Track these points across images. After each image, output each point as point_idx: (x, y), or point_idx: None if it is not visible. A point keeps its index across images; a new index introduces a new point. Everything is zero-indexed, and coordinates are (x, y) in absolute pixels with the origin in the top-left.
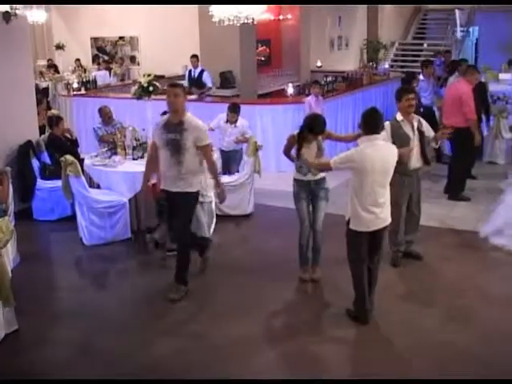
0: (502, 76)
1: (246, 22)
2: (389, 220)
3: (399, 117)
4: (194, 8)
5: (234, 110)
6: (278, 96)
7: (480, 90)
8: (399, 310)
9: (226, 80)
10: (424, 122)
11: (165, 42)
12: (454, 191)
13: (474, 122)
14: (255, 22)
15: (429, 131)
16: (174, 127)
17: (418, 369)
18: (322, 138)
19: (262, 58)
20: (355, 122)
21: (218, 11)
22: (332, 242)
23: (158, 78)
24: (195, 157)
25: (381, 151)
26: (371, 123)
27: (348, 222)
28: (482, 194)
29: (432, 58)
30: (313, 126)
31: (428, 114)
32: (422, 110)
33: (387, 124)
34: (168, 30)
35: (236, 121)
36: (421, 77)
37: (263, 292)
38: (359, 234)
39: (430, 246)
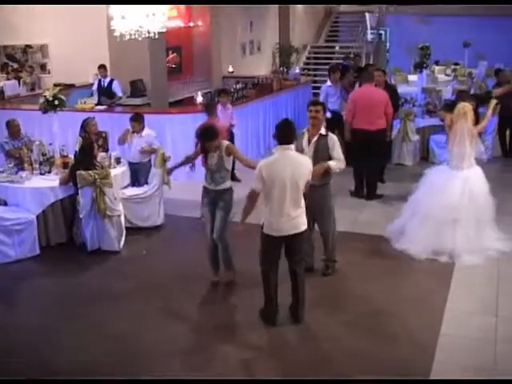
0: (410, 78)
1: (148, 36)
2: (302, 227)
3: (306, 127)
4: (103, 14)
5: (135, 119)
6: (189, 103)
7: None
8: (307, 317)
9: (136, 89)
10: (332, 142)
11: (75, 50)
12: (373, 191)
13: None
14: (164, 31)
15: (333, 150)
16: None
17: (323, 373)
18: (226, 152)
19: (173, 66)
20: (266, 129)
21: (119, 26)
22: (243, 249)
23: (69, 86)
24: None
25: (291, 161)
26: (283, 134)
27: (262, 226)
28: (389, 197)
29: (342, 62)
30: (199, 136)
31: (336, 119)
32: (329, 114)
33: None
34: (78, 37)
35: (141, 130)
36: (328, 82)
37: (175, 301)
38: (270, 237)
39: (337, 251)
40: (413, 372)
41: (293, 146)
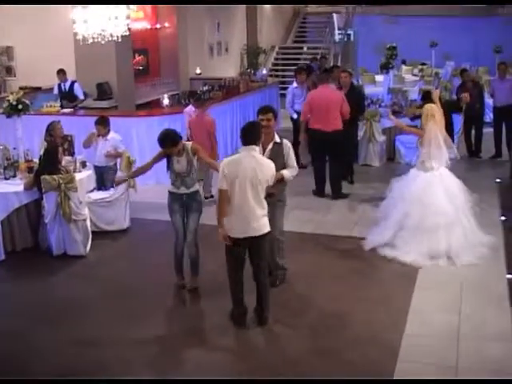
0: (377, 78)
1: (111, 39)
2: (265, 230)
3: None
4: (68, 17)
5: (101, 122)
6: (157, 105)
7: (354, 94)
8: (272, 319)
9: (102, 91)
10: (287, 149)
11: (41, 53)
12: (338, 190)
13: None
14: (127, 34)
15: (288, 157)
16: None
17: (290, 374)
18: (192, 153)
19: (140, 68)
20: (233, 131)
21: (81, 30)
22: (211, 251)
23: (35, 89)
24: None
25: (254, 161)
26: (248, 135)
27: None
28: (356, 197)
29: (309, 63)
30: (159, 143)
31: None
32: (296, 115)
33: None
34: (44, 39)
35: (106, 134)
36: (294, 84)
37: (142, 305)
38: (232, 239)
39: (303, 252)
40: (377, 371)
41: (257, 148)
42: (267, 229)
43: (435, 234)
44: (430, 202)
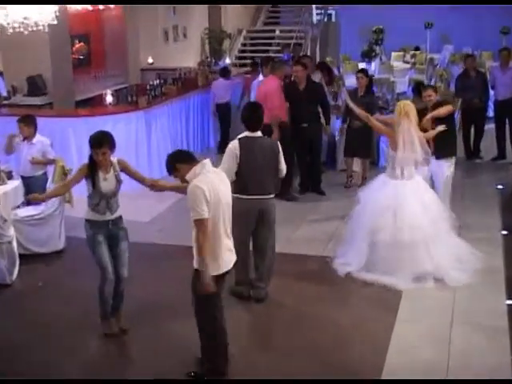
0: (361, 67)
1: (35, 29)
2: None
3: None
4: None
5: (24, 121)
6: (101, 102)
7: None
8: (236, 351)
9: (35, 86)
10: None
11: None
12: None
13: (275, 119)
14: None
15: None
16: None
17: None
18: (120, 168)
19: (81, 57)
20: (189, 133)
21: None
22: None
23: None
24: None
25: (220, 178)
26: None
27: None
28: (330, 210)
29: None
30: (94, 141)
31: None
32: None
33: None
34: None
35: (32, 136)
36: (260, 77)
37: (72, 344)
38: (216, 277)
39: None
40: None
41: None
42: None
43: (416, 251)
44: (402, 214)
